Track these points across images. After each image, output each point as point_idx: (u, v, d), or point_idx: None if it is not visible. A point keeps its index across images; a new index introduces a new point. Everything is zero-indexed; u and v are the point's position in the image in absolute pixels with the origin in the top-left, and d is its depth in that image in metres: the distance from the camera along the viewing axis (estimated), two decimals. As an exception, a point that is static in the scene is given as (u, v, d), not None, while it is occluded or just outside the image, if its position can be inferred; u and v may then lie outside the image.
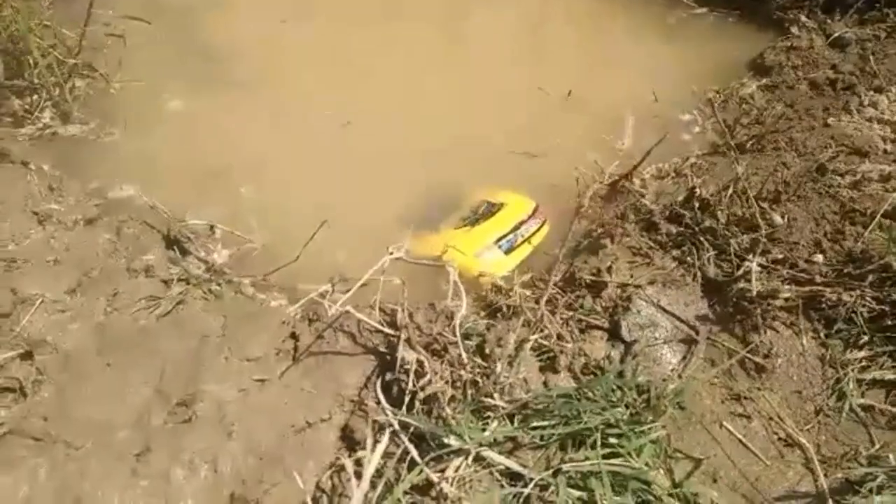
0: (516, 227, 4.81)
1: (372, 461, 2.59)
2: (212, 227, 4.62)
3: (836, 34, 6.40)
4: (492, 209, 5.01)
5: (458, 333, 3.34)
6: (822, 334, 3.72)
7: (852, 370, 3.54)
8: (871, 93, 5.55)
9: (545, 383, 3.50)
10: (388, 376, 3.41)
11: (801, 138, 5.23)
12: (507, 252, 4.68)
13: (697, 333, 3.76)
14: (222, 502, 3.05)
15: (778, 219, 4.35)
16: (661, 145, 4.89)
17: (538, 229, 4.92)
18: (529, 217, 4.93)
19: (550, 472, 2.99)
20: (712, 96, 5.95)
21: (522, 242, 4.75)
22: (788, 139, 5.25)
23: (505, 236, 4.74)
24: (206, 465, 3.13)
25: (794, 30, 6.67)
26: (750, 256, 4.01)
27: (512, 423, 3.23)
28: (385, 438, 3.05)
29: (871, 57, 5.95)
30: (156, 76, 6.03)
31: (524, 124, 5.76)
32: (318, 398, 3.37)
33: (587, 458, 3.03)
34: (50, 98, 5.53)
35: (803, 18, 6.73)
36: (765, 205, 4.45)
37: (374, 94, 6.03)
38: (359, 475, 3.05)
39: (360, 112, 5.75)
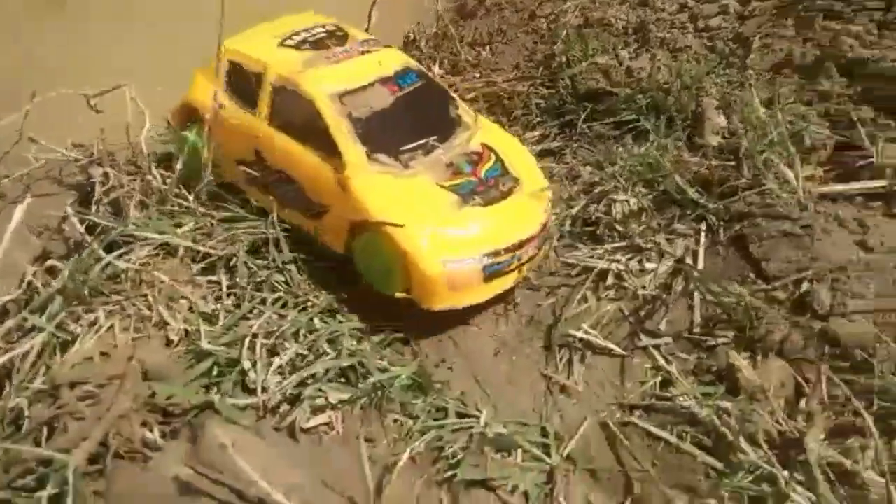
0: (521, 244, 3.08)
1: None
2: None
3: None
4: (507, 186, 3.26)
5: (143, 140, 3.50)
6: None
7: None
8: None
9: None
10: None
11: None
12: (489, 278, 3.03)
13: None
14: None
15: (485, 54, 4.85)
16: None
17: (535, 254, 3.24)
18: (540, 231, 3.21)
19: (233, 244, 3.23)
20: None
21: (516, 268, 3.12)
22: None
23: (498, 253, 3.01)
24: None
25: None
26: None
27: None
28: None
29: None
30: None
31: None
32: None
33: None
34: None
35: None
36: (479, 48, 4.95)
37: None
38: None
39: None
